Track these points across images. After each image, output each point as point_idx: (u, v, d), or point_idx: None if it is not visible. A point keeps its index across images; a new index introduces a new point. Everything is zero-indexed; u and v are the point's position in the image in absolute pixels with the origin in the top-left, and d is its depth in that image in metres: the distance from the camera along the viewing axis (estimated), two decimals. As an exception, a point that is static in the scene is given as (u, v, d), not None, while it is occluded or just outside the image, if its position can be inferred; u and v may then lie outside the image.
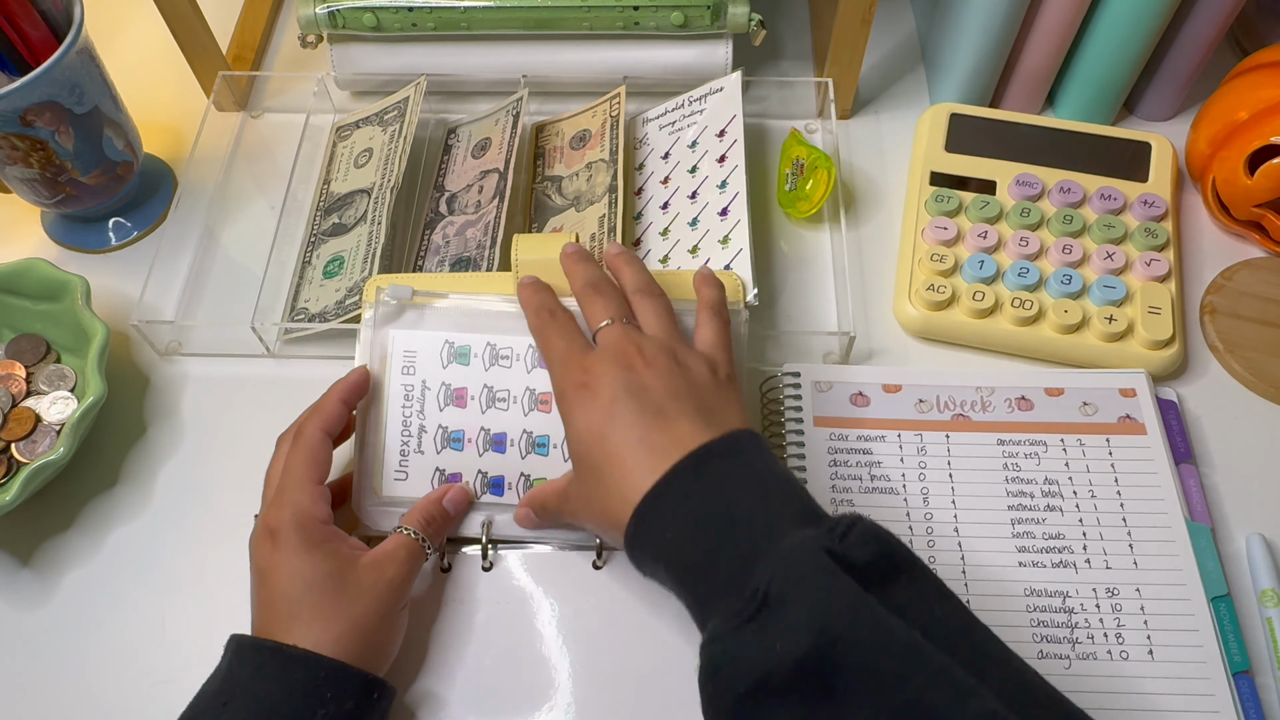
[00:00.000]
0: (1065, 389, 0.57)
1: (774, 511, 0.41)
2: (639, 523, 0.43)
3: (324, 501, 0.48)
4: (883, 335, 0.62)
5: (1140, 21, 0.62)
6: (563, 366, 0.48)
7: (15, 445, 0.57)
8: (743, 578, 0.38)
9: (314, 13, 0.67)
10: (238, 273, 0.65)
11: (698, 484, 0.42)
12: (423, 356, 0.53)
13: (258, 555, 0.46)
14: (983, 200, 0.64)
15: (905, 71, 0.76)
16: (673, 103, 0.68)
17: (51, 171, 0.60)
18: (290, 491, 0.47)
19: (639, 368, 0.46)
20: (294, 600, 0.45)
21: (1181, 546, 0.52)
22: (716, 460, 0.43)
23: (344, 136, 0.69)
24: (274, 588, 0.45)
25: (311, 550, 0.45)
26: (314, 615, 0.44)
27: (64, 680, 0.51)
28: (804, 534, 0.39)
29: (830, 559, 0.37)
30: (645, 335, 0.48)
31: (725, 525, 0.41)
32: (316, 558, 0.45)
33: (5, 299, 0.60)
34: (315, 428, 0.49)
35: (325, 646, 0.44)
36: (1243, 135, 0.61)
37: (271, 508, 0.47)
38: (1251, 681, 0.49)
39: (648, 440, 0.43)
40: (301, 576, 0.45)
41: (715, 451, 0.43)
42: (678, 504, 0.42)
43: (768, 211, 0.67)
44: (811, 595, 0.36)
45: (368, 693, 0.44)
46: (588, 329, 0.49)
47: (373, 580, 0.46)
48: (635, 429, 0.44)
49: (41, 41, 0.59)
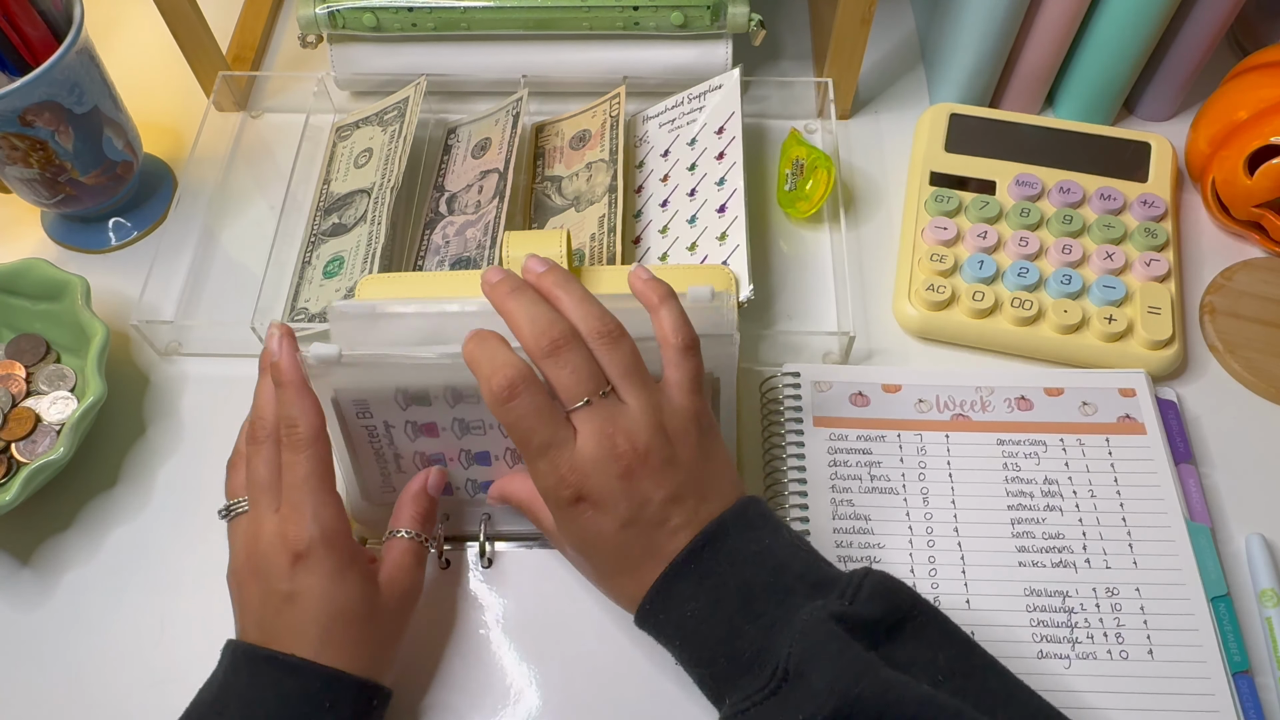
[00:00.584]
0: (1065, 389, 0.57)
1: (787, 584, 0.41)
2: (655, 601, 0.43)
3: (346, 513, 0.46)
4: (882, 335, 0.62)
5: (1140, 21, 0.62)
6: (550, 473, 0.43)
7: (15, 445, 0.57)
8: (763, 654, 0.40)
9: (314, 13, 0.67)
10: (238, 273, 0.65)
11: (715, 564, 0.42)
12: (375, 405, 0.49)
13: (276, 576, 0.43)
14: (982, 200, 0.64)
15: (905, 71, 0.76)
16: (672, 100, 0.68)
17: (51, 171, 0.60)
18: (314, 506, 0.44)
19: (637, 472, 0.42)
20: (323, 628, 0.43)
21: (1181, 546, 0.52)
22: (729, 539, 0.43)
23: (344, 136, 0.69)
24: (303, 611, 0.43)
25: (345, 573, 0.44)
26: (344, 641, 0.43)
27: (64, 680, 0.51)
28: (814, 604, 0.40)
29: (841, 625, 0.39)
30: (629, 415, 0.43)
31: (742, 603, 0.41)
32: (350, 582, 0.44)
33: (5, 299, 0.60)
34: (324, 430, 0.46)
35: (344, 663, 0.43)
36: (1242, 135, 0.61)
37: (291, 522, 0.44)
38: (1251, 681, 0.49)
39: (655, 546, 0.43)
40: (334, 602, 0.43)
41: (726, 529, 0.43)
42: (696, 584, 0.42)
43: (767, 211, 0.67)
44: (826, 665, 0.38)
45: (366, 699, 0.44)
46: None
47: (395, 598, 0.46)
48: (643, 541, 0.43)
49: (41, 41, 0.59)
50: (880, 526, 0.53)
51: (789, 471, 0.55)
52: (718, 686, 0.41)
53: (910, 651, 0.40)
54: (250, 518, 0.46)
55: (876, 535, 0.52)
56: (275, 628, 0.44)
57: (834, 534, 0.52)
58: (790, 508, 0.53)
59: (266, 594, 0.44)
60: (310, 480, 0.44)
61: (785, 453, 0.55)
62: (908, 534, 0.53)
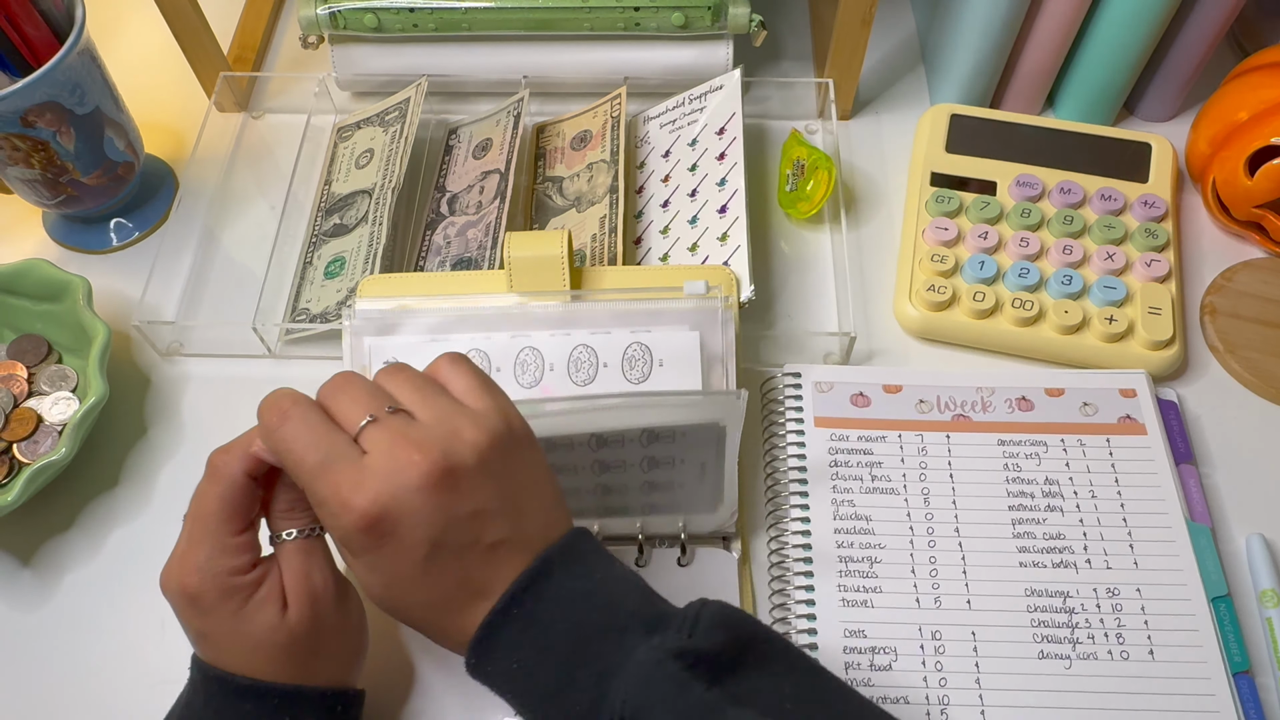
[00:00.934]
0: (1065, 389, 0.57)
1: (620, 623, 0.38)
2: (479, 652, 0.39)
3: (248, 550, 0.42)
4: (883, 336, 0.62)
5: (1140, 22, 0.62)
6: (332, 496, 0.37)
7: (17, 446, 0.57)
8: (596, 704, 0.36)
9: (315, 13, 0.67)
10: (239, 273, 0.65)
11: (540, 607, 0.38)
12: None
13: (181, 614, 0.42)
14: (983, 201, 0.64)
15: (905, 72, 0.76)
16: (673, 101, 0.68)
17: (53, 172, 0.60)
18: (204, 546, 0.41)
19: (437, 483, 0.37)
20: (247, 659, 0.41)
21: (1182, 547, 0.52)
22: (556, 577, 0.39)
23: (345, 137, 0.69)
24: (218, 647, 0.41)
25: (243, 609, 0.41)
26: (266, 666, 0.41)
27: (64, 680, 0.51)
28: (650, 643, 0.37)
29: (680, 662, 0.36)
30: (421, 427, 0.38)
31: (573, 649, 0.37)
32: (251, 616, 0.41)
33: (7, 299, 0.60)
34: (240, 468, 0.42)
35: (302, 678, 0.42)
36: (1243, 136, 0.61)
37: (184, 563, 0.41)
38: (1251, 681, 0.49)
39: (470, 576, 0.38)
40: (247, 639, 0.41)
41: (550, 567, 0.39)
42: (521, 632, 0.38)
43: (768, 212, 0.67)
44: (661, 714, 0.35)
45: (329, 707, 0.43)
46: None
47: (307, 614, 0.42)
48: (456, 568, 0.38)
49: (42, 42, 0.59)
50: (881, 527, 0.53)
51: (789, 472, 0.55)
52: None
53: (755, 682, 0.37)
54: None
55: (877, 535, 0.52)
56: (227, 663, 0.42)
57: (835, 534, 0.52)
58: (791, 508, 0.53)
59: (190, 633, 0.42)
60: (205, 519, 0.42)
61: (786, 453, 0.55)
62: (909, 534, 0.53)
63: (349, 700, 0.44)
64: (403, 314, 0.53)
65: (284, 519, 0.43)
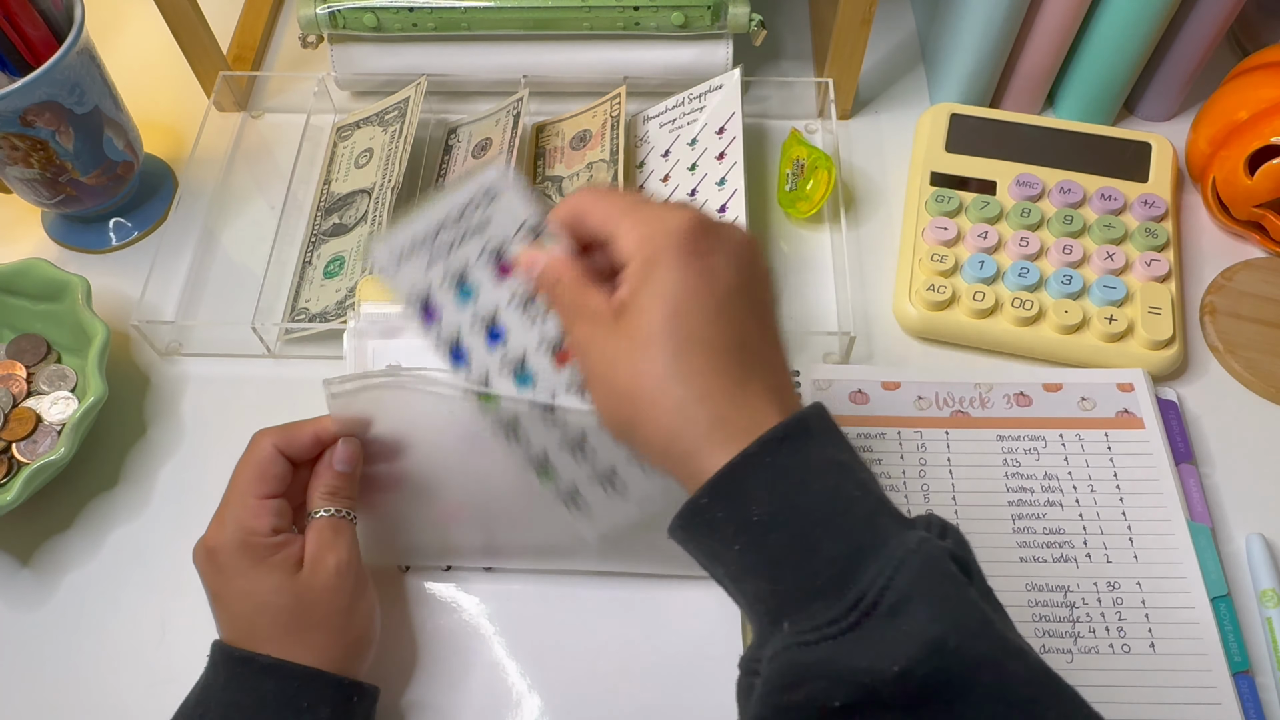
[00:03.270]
0: (1063, 384, 0.57)
1: (872, 505, 0.35)
2: (714, 495, 0.35)
3: (269, 514, 0.45)
4: (883, 335, 0.62)
5: (1140, 21, 0.62)
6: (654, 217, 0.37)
7: (16, 445, 0.57)
8: (842, 579, 0.33)
9: (314, 13, 0.67)
10: (238, 273, 0.65)
11: (795, 463, 0.35)
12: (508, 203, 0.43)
13: (202, 574, 0.45)
14: (983, 200, 0.64)
15: (905, 71, 0.76)
16: (673, 100, 0.68)
17: (52, 172, 0.60)
18: (231, 507, 0.45)
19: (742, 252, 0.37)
20: (250, 621, 0.43)
21: (1182, 546, 0.52)
22: (816, 438, 0.35)
23: (344, 136, 0.69)
24: (228, 608, 0.44)
25: (256, 567, 0.43)
26: (273, 632, 0.43)
27: (64, 680, 0.51)
28: (914, 534, 0.33)
29: (956, 565, 0.33)
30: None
31: (826, 515, 0.34)
32: (261, 574, 0.43)
33: (6, 299, 0.60)
34: (270, 442, 0.46)
35: (298, 657, 0.43)
36: (1243, 135, 0.61)
37: (213, 524, 0.45)
38: (1252, 681, 0.49)
39: (720, 394, 0.35)
40: (252, 598, 0.43)
41: (808, 427, 0.35)
42: (770, 483, 0.34)
43: (768, 211, 0.67)
44: (937, 607, 0.32)
45: (345, 698, 0.44)
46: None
47: (320, 580, 0.44)
48: (711, 367, 0.35)
49: (42, 42, 0.59)
50: (881, 526, 0.53)
51: (790, 471, 0.55)
52: (778, 606, 0.34)
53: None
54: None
55: (877, 534, 0.52)
56: (218, 624, 0.45)
57: (835, 533, 0.52)
58: (791, 507, 0.53)
59: (208, 596, 0.45)
60: (238, 485, 0.46)
61: (786, 452, 0.55)
62: (908, 533, 0.53)
63: (364, 694, 0.45)
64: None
65: (323, 500, 0.46)
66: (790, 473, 0.34)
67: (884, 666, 0.30)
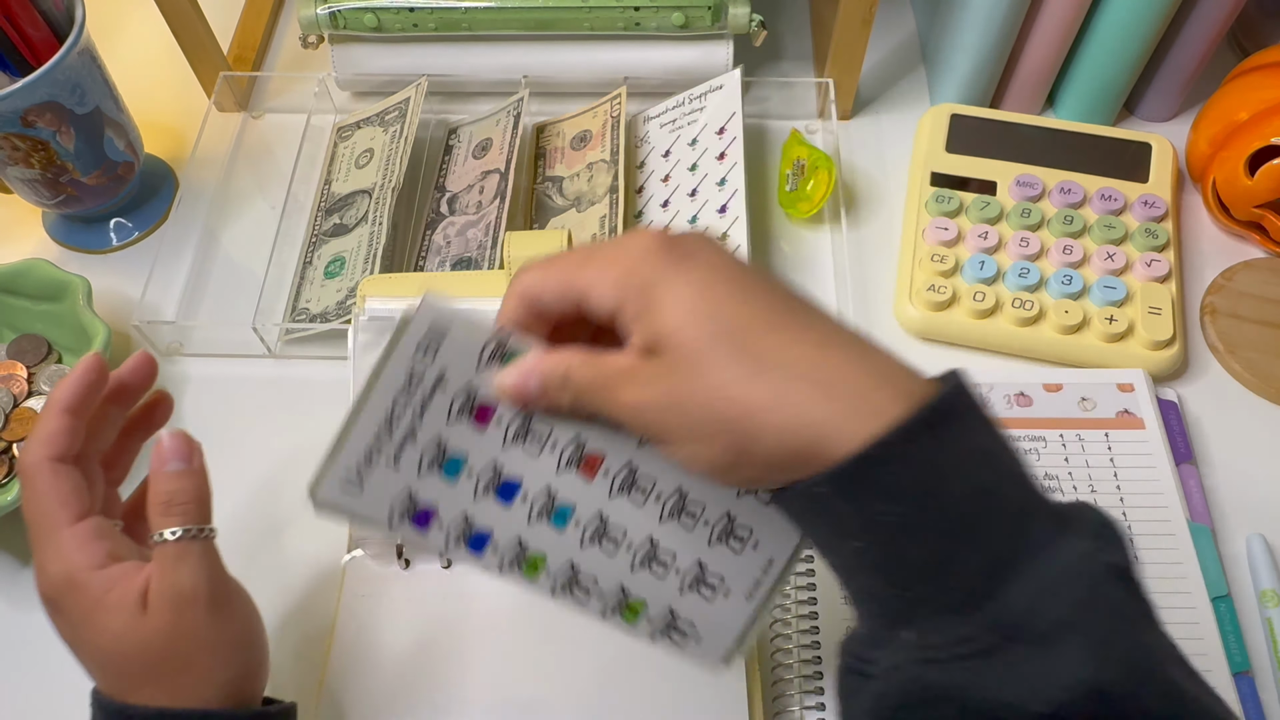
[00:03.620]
0: (1064, 384, 0.57)
1: (1026, 503, 0.30)
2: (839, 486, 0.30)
3: (90, 539, 0.38)
4: (883, 336, 0.62)
5: (1140, 22, 0.63)
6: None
7: (17, 445, 0.57)
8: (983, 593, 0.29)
9: (315, 13, 0.67)
10: (239, 273, 0.65)
11: (942, 454, 0.29)
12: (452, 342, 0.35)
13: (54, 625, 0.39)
14: (983, 201, 0.64)
15: (905, 72, 0.76)
16: (673, 100, 0.68)
17: (53, 172, 0.60)
18: (43, 549, 0.38)
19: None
20: (115, 669, 0.38)
21: (1182, 546, 0.52)
22: (965, 420, 0.30)
23: (345, 137, 0.69)
24: (88, 658, 0.39)
25: (94, 612, 0.37)
26: (143, 678, 0.38)
27: (64, 680, 0.51)
28: (1069, 544, 0.29)
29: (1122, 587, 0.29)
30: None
31: (971, 519, 0.29)
32: (100, 619, 0.37)
33: (6, 299, 0.60)
34: (37, 456, 0.38)
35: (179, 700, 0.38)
36: (1243, 136, 0.61)
37: (36, 573, 0.39)
38: (1252, 681, 0.49)
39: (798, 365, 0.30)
40: (100, 648, 0.38)
41: (955, 410, 0.30)
42: (910, 478, 0.29)
43: (768, 212, 0.67)
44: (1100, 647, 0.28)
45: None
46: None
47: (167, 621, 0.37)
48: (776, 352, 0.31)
49: (42, 42, 0.59)
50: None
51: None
52: (900, 611, 0.30)
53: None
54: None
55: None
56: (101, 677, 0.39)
57: (835, 534, 0.52)
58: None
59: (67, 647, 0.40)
60: (38, 523, 0.38)
61: (786, 453, 0.55)
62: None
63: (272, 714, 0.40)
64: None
65: (160, 518, 0.38)
66: (930, 469, 0.29)
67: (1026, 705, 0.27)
